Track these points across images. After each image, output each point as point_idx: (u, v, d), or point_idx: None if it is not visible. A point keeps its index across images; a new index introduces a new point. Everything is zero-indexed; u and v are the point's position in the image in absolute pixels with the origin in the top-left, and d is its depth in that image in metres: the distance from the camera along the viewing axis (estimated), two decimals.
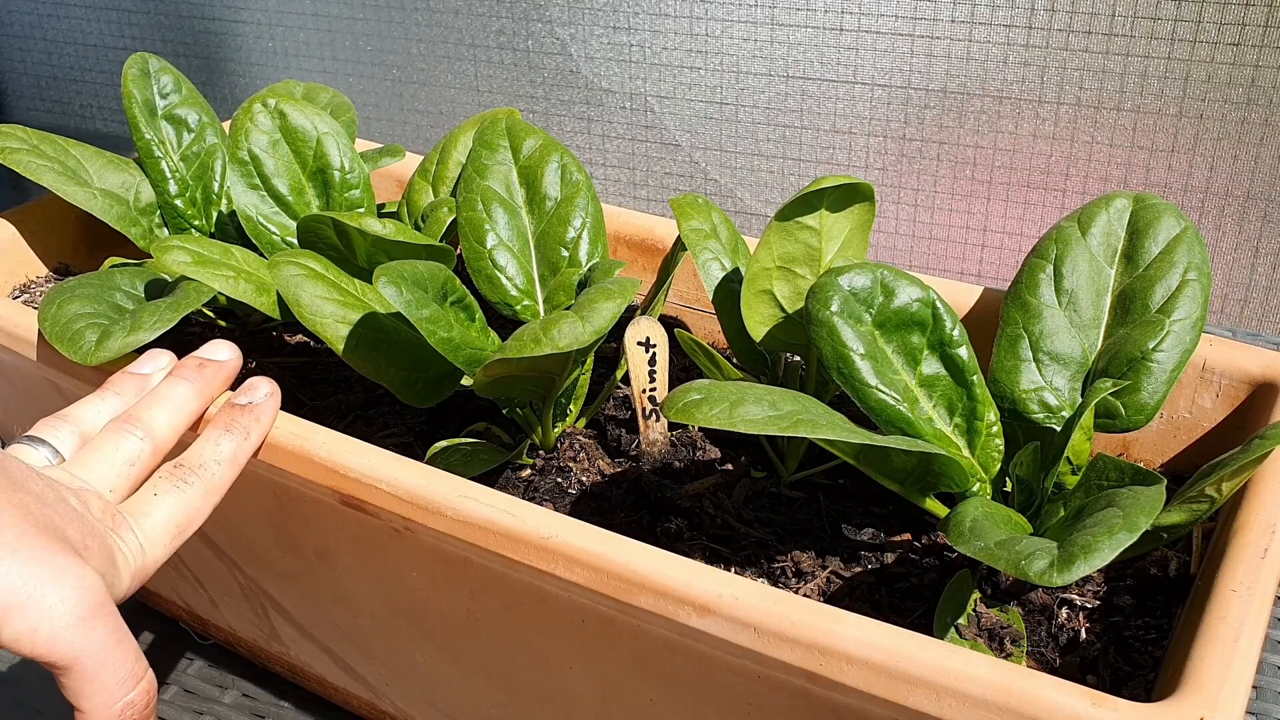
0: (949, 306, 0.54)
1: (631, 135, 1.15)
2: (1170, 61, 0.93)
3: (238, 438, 0.53)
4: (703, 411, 0.47)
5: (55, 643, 0.41)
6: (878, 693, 0.43)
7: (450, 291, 0.59)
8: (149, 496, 0.50)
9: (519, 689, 0.58)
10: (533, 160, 0.66)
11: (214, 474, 0.52)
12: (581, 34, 1.13)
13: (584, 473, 0.61)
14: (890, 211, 1.08)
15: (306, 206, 0.71)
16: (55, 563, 0.42)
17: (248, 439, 0.54)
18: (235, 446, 0.53)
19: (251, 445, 0.54)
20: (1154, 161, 0.97)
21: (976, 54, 0.98)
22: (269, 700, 0.72)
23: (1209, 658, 0.42)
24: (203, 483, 0.51)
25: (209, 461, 0.52)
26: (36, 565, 0.41)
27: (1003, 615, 0.51)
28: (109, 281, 0.66)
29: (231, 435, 0.53)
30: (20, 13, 1.41)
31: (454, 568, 0.54)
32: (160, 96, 0.76)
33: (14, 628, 0.41)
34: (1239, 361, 0.60)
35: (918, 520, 0.59)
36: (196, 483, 0.51)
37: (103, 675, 0.42)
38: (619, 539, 0.48)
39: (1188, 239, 0.56)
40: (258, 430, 0.54)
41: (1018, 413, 0.56)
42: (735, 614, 0.45)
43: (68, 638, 0.41)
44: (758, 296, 0.60)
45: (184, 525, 0.50)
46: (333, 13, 1.23)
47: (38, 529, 0.42)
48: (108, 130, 1.45)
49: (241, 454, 0.53)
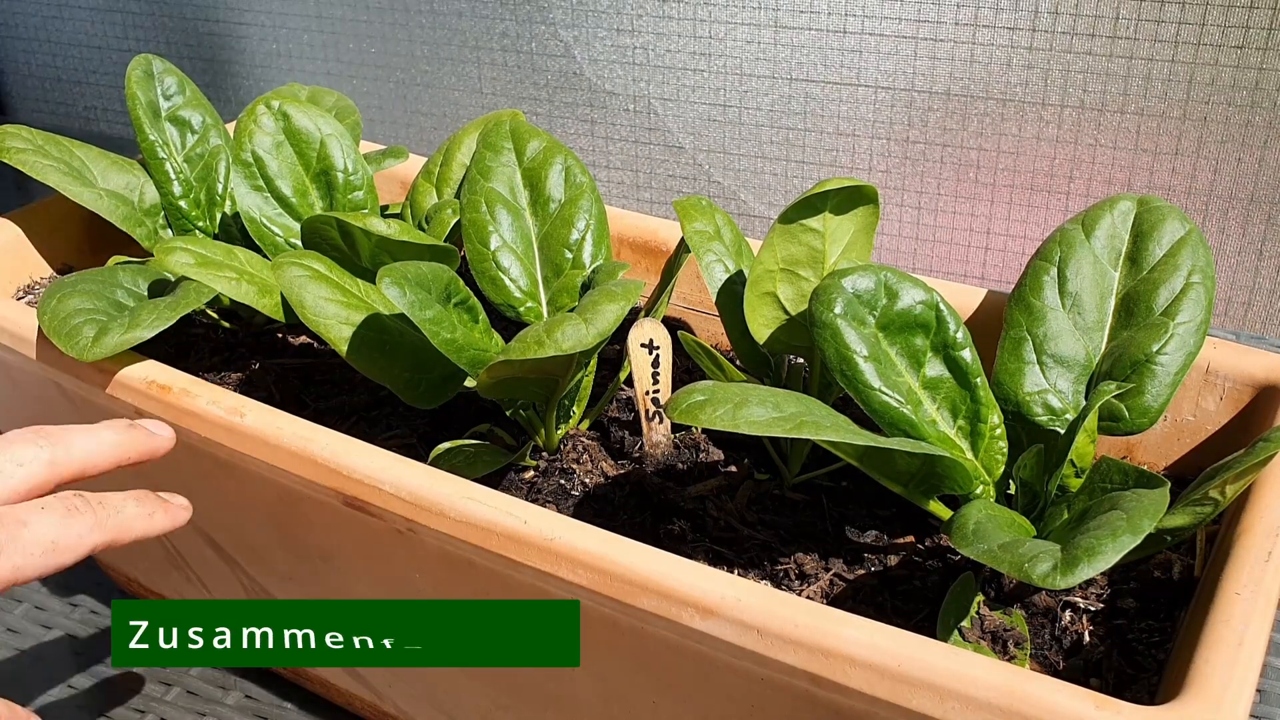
0: (952, 309, 0.54)
1: (635, 137, 1.15)
2: (1174, 64, 0.93)
3: (143, 510, 0.52)
4: (706, 413, 0.47)
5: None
6: (881, 695, 0.43)
7: (454, 293, 0.59)
8: (34, 508, 0.48)
9: (522, 690, 0.58)
10: (536, 162, 0.66)
11: (107, 517, 0.50)
12: (585, 36, 1.13)
13: (587, 474, 0.61)
14: (894, 214, 1.08)
15: (310, 208, 0.71)
16: None
17: (150, 518, 0.52)
18: (137, 513, 0.51)
19: (150, 526, 0.52)
20: (1158, 164, 0.97)
21: (980, 56, 0.98)
22: (272, 701, 0.72)
23: (1213, 661, 0.42)
24: (94, 517, 0.49)
25: (109, 505, 0.50)
26: None
27: (1006, 618, 0.51)
28: (111, 278, 0.66)
29: (139, 505, 0.52)
30: (25, 15, 1.41)
31: (457, 569, 0.54)
32: (164, 98, 0.76)
33: None
34: (1243, 364, 0.60)
35: (921, 523, 0.58)
36: (88, 514, 0.49)
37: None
38: (622, 541, 0.48)
39: (1192, 242, 0.56)
40: (162, 520, 0.53)
41: (1021, 415, 0.56)
42: (738, 616, 0.45)
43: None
44: (761, 299, 0.60)
45: (59, 546, 0.48)
46: (337, 15, 1.23)
47: None
48: (112, 132, 1.45)
49: (138, 525, 0.51)
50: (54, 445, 0.51)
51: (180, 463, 0.57)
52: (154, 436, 0.55)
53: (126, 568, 0.77)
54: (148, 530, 0.52)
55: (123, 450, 0.54)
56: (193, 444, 0.58)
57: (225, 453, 0.57)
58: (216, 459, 0.58)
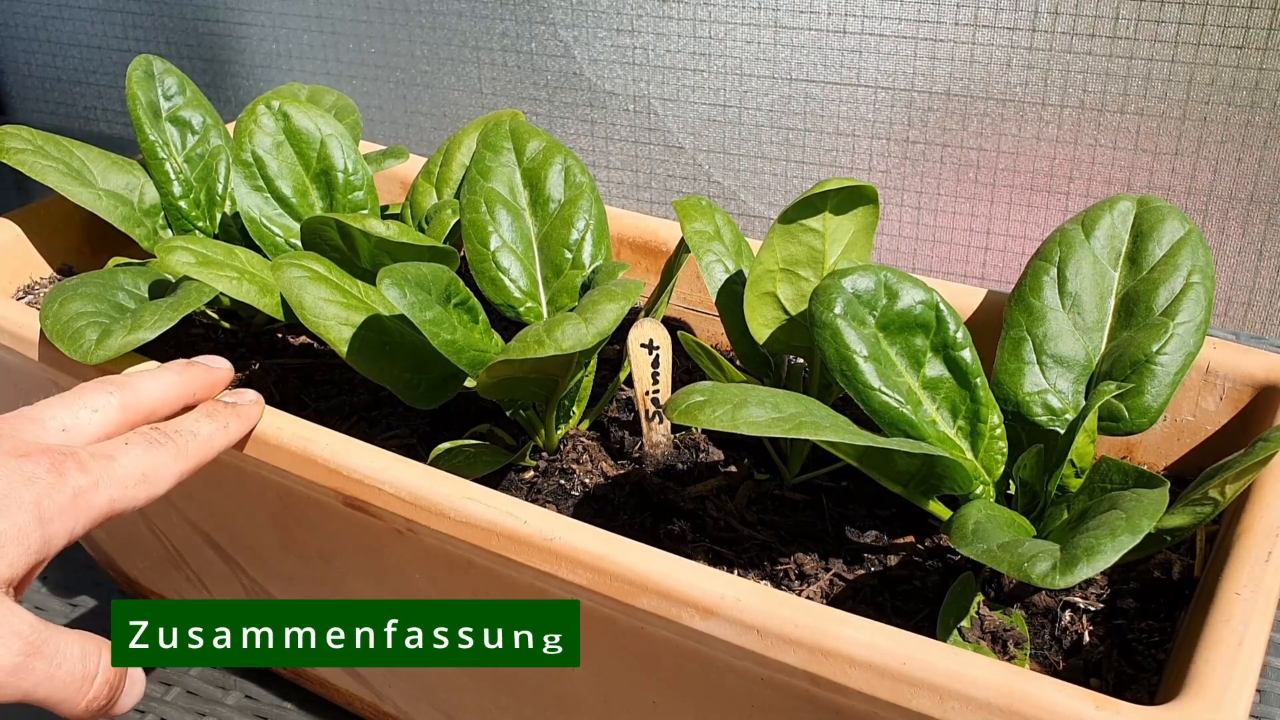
0: (952, 309, 0.54)
1: (635, 138, 1.15)
2: (1174, 64, 0.93)
3: (217, 424, 0.54)
4: (706, 413, 0.47)
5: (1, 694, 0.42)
6: (881, 695, 0.43)
7: (454, 293, 0.59)
8: (119, 444, 0.50)
9: (522, 690, 0.58)
10: (536, 162, 0.66)
11: (187, 443, 0.52)
12: (585, 36, 1.13)
13: (587, 475, 0.61)
14: (893, 214, 1.08)
15: (310, 208, 0.71)
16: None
17: (225, 430, 0.54)
18: (213, 430, 0.53)
19: (228, 437, 0.54)
20: (1158, 164, 0.97)
21: (980, 56, 0.98)
22: (272, 701, 0.72)
23: (1213, 661, 0.42)
24: (176, 446, 0.51)
25: (185, 431, 0.52)
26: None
27: (1006, 618, 0.51)
28: (111, 281, 0.66)
29: (212, 421, 0.54)
30: (24, 15, 1.41)
31: (457, 569, 0.54)
32: (164, 98, 0.76)
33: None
34: (1242, 364, 0.60)
35: (921, 523, 0.58)
36: (169, 444, 0.51)
37: (54, 699, 0.44)
38: (622, 541, 0.48)
39: (1192, 242, 0.56)
40: (236, 426, 0.55)
41: (1021, 415, 0.56)
42: (738, 616, 0.45)
43: (6, 692, 0.42)
44: (761, 299, 0.60)
45: (150, 476, 0.49)
46: (337, 15, 1.23)
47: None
48: (112, 132, 1.45)
49: (217, 440, 0.53)
50: (123, 390, 0.52)
51: None
52: (213, 371, 0.57)
53: (126, 567, 0.77)
54: (228, 441, 0.54)
55: (187, 388, 0.55)
56: None
57: (225, 452, 0.57)
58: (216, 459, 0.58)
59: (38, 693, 0.43)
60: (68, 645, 0.44)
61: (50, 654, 0.43)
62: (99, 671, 0.46)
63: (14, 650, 0.42)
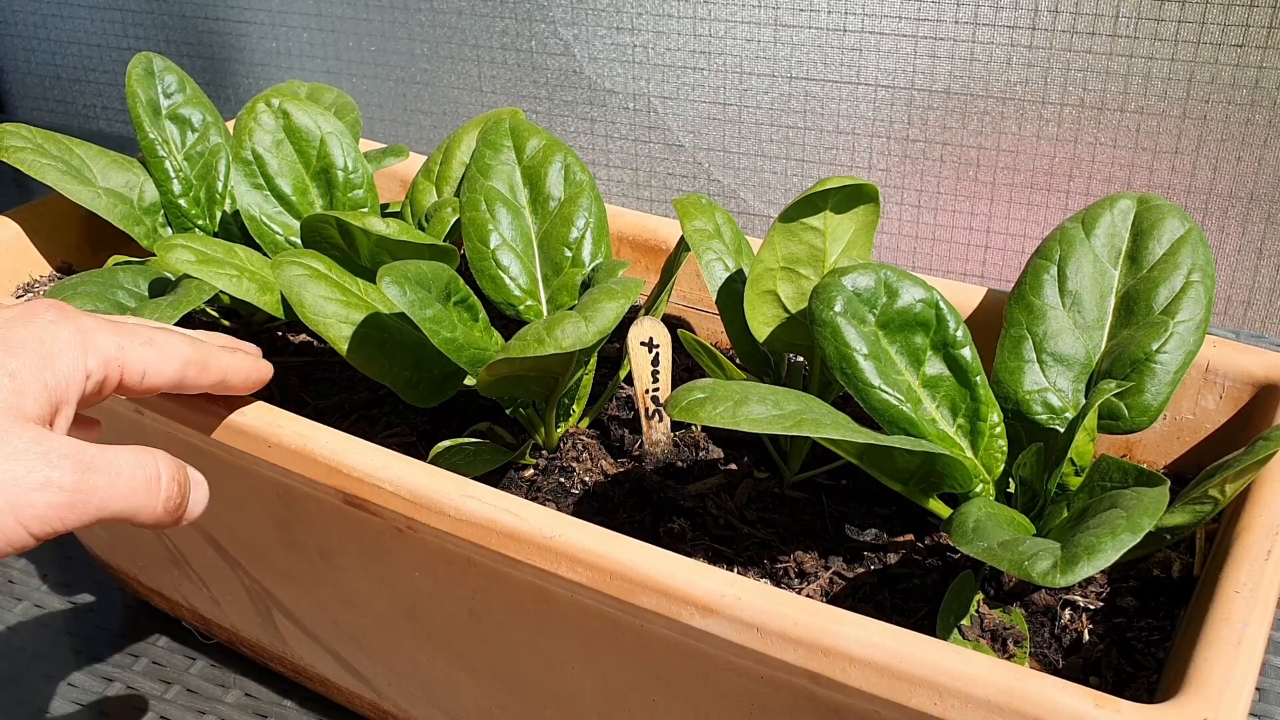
0: (952, 307, 0.54)
1: (635, 136, 1.15)
2: (1174, 63, 0.93)
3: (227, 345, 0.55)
4: (706, 410, 0.47)
5: (63, 524, 0.43)
6: (880, 693, 0.43)
7: (454, 291, 0.59)
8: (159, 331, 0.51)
9: (521, 689, 0.58)
10: (536, 160, 0.66)
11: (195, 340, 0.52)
12: (585, 35, 1.13)
13: (587, 473, 0.61)
14: (893, 213, 1.08)
15: (310, 206, 0.71)
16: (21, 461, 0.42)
17: (234, 355, 0.54)
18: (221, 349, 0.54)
19: (236, 362, 0.54)
20: (1157, 163, 0.97)
21: (980, 55, 0.98)
22: (271, 700, 0.72)
23: (1212, 659, 0.42)
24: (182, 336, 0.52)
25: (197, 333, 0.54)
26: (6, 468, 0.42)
27: (1006, 616, 0.51)
28: (111, 279, 0.66)
29: (222, 346, 0.55)
30: (24, 12, 1.41)
31: (457, 567, 0.54)
32: (164, 96, 0.76)
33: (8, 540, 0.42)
34: (1242, 363, 0.60)
35: (921, 521, 0.58)
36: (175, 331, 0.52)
37: (129, 508, 0.45)
38: (622, 539, 0.48)
39: (1192, 240, 0.56)
40: (248, 361, 0.55)
41: (1021, 414, 0.56)
42: (738, 614, 0.45)
43: (71, 517, 0.43)
44: (761, 297, 0.60)
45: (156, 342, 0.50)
46: (337, 13, 1.23)
47: None
48: (111, 130, 1.45)
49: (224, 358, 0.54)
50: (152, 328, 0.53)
51: None
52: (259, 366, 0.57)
53: (127, 566, 0.77)
54: (235, 367, 0.54)
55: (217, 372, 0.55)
56: (193, 442, 0.58)
57: (225, 451, 0.57)
58: (216, 457, 0.58)
59: (111, 505, 0.44)
60: (119, 455, 0.45)
61: (104, 466, 0.44)
62: (159, 471, 0.46)
63: (67, 470, 0.42)
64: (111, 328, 0.48)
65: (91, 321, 0.48)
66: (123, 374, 0.48)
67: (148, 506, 0.46)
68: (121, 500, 0.44)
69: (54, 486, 0.42)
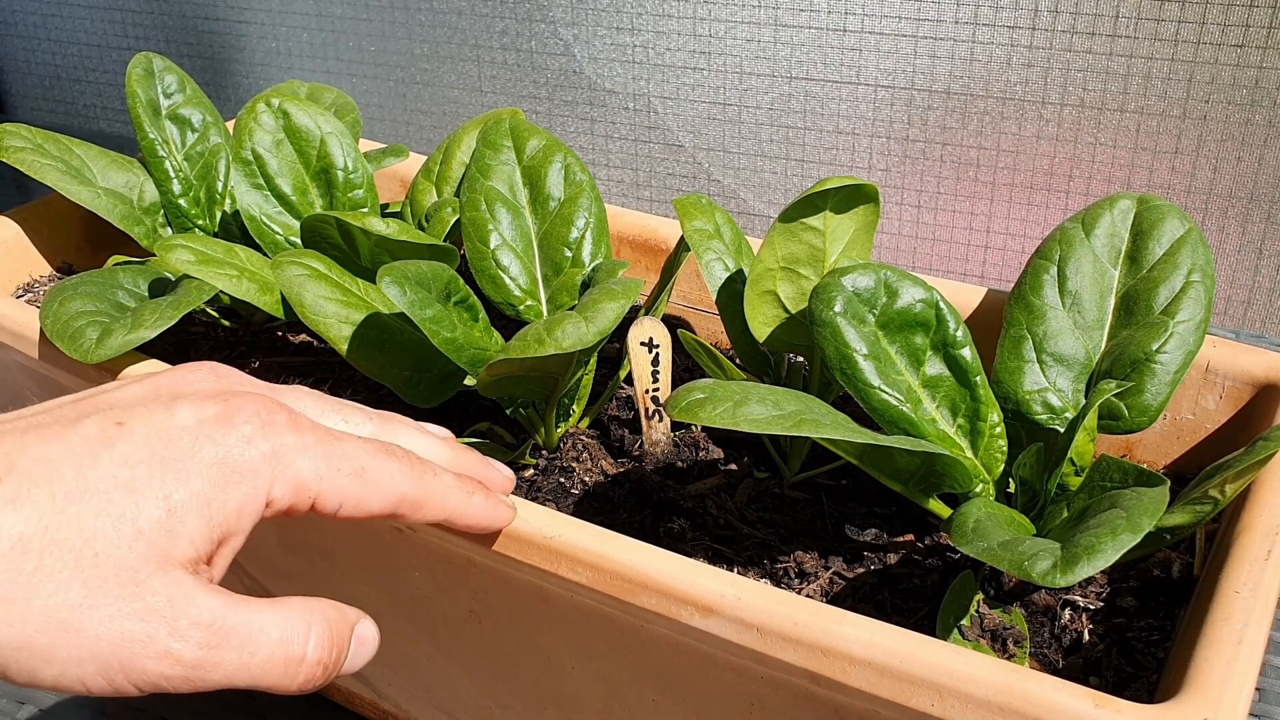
0: (952, 307, 0.54)
1: (635, 136, 1.15)
2: (1174, 63, 0.93)
3: (464, 486, 0.45)
4: (706, 411, 0.47)
5: (174, 691, 0.38)
6: (880, 693, 0.43)
7: (454, 291, 0.59)
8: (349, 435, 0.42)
9: (521, 689, 0.58)
10: (536, 160, 0.66)
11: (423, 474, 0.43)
12: (585, 35, 1.13)
13: (587, 473, 0.61)
14: (893, 213, 1.08)
15: (310, 206, 0.71)
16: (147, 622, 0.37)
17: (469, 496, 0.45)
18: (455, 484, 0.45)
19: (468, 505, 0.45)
20: (1157, 163, 0.97)
21: (980, 55, 0.98)
22: (270, 700, 0.72)
23: (1212, 659, 0.42)
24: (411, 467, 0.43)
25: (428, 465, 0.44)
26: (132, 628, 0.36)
27: (1006, 616, 0.51)
28: (111, 280, 0.66)
29: (460, 481, 0.45)
30: (24, 13, 1.41)
31: (456, 568, 0.54)
32: (164, 96, 0.76)
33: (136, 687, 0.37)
34: (1242, 363, 0.60)
35: (921, 521, 0.58)
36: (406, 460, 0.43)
37: (259, 685, 0.39)
38: (622, 539, 0.48)
39: (1192, 240, 0.56)
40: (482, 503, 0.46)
41: (1021, 414, 0.56)
42: (738, 614, 0.45)
43: (184, 689, 0.38)
44: (761, 297, 0.60)
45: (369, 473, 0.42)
46: (337, 13, 1.23)
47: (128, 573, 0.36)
48: (111, 130, 1.45)
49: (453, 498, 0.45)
50: (384, 422, 0.46)
51: None
52: (493, 467, 0.49)
53: None
54: (462, 509, 0.45)
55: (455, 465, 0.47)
56: None
57: None
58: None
59: (235, 682, 0.38)
60: (263, 628, 0.38)
61: (240, 642, 0.38)
62: (308, 652, 0.39)
63: (194, 643, 0.37)
64: (318, 449, 0.40)
65: (295, 440, 0.40)
66: (315, 503, 0.41)
67: (279, 686, 0.39)
68: (249, 678, 0.38)
69: (173, 659, 0.37)
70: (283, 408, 0.41)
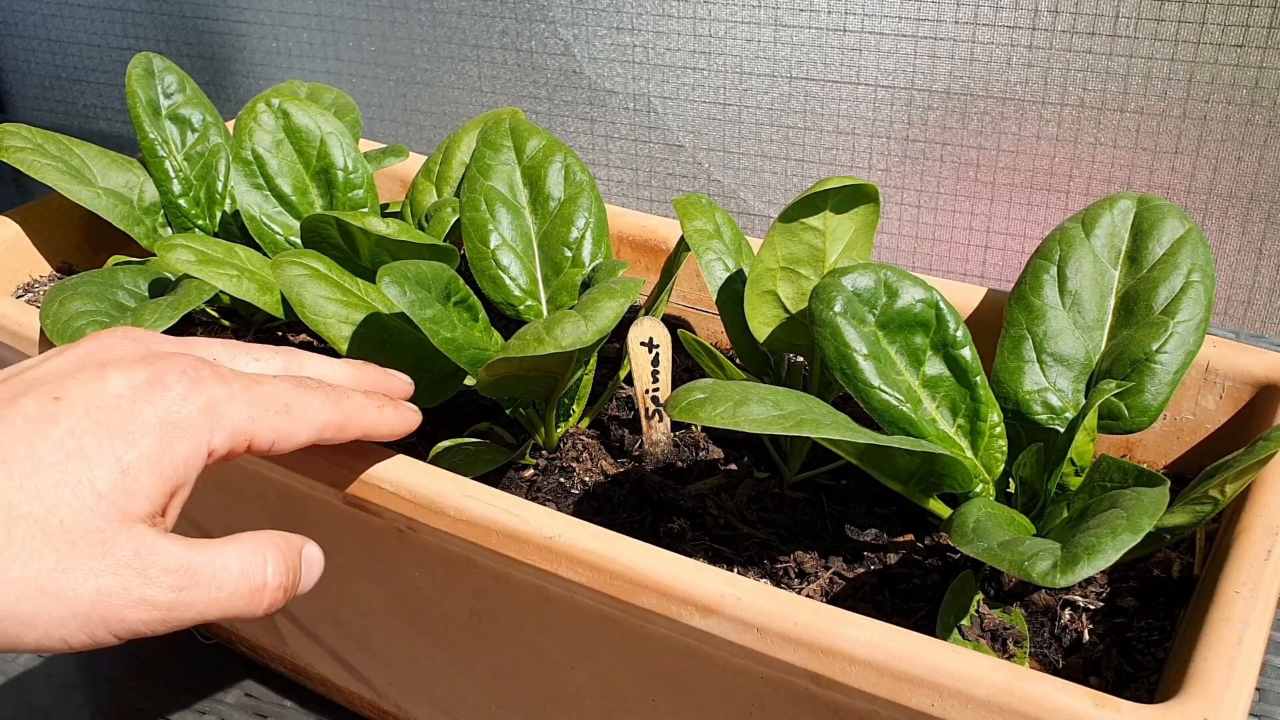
0: (952, 307, 0.54)
1: (635, 136, 1.15)
2: (1174, 63, 0.93)
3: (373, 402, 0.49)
4: (706, 410, 0.47)
5: (152, 634, 0.41)
6: (880, 694, 0.43)
7: (454, 291, 0.59)
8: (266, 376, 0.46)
9: (522, 689, 0.58)
10: (536, 160, 0.66)
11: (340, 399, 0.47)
12: (585, 35, 1.13)
13: (587, 473, 0.61)
14: (893, 213, 1.08)
15: (310, 206, 0.71)
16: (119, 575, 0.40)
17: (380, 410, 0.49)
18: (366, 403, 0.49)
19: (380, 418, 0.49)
20: (1157, 163, 0.97)
21: (980, 55, 0.98)
22: (271, 699, 0.72)
23: (1212, 659, 0.42)
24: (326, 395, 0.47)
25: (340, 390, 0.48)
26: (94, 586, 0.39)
27: (1006, 616, 0.51)
28: (111, 280, 0.66)
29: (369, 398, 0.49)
30: (24, 13, 1.41)
31: (457, 568, 0.54)
32: (164, 96, 0.76)
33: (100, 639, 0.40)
34: (1242, 363, 0.60)
35: (921, 521, 0.58)
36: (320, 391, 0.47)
37: (228, 616, 0.42)
38: (622, 539, 0.48)
39: (1192, 240, 0.56)
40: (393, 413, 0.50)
41: (1021, 414, 0.56)
42: (738, 614, 0.45)
43: (162, 629, 0.41)
44: (761, 297, 0.60)
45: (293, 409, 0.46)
46: (337, 13, 1.23)
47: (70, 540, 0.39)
48: (111, 130, 1.45)
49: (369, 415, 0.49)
50: (290, 356, 0.50)
51: None
52: (391, 376, 0.53)
53: None
54: (376, 422, 0.49)
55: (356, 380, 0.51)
56: None
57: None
58: None
59: (207, 616, 0.41)
60: (225, 565, 0.42)
61: (206, 580, 0.41)
62: (268, 579, 0.43)
63: (166, 586, 0.40)
64: (245, 396, 0.44)
65: (223, 391, 0.43)
66: (250, 444, 0.44)
67: (247, 613, 0.43)
68: (220, 611, 0.42)
69: (149, 605, 0.40)
70: (205, 363, 0.44)
